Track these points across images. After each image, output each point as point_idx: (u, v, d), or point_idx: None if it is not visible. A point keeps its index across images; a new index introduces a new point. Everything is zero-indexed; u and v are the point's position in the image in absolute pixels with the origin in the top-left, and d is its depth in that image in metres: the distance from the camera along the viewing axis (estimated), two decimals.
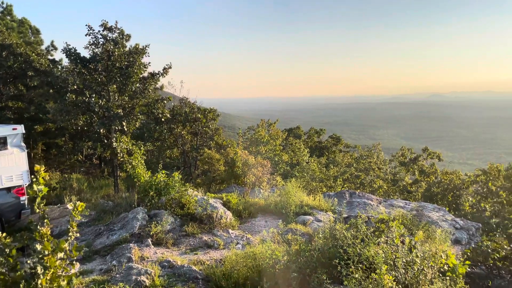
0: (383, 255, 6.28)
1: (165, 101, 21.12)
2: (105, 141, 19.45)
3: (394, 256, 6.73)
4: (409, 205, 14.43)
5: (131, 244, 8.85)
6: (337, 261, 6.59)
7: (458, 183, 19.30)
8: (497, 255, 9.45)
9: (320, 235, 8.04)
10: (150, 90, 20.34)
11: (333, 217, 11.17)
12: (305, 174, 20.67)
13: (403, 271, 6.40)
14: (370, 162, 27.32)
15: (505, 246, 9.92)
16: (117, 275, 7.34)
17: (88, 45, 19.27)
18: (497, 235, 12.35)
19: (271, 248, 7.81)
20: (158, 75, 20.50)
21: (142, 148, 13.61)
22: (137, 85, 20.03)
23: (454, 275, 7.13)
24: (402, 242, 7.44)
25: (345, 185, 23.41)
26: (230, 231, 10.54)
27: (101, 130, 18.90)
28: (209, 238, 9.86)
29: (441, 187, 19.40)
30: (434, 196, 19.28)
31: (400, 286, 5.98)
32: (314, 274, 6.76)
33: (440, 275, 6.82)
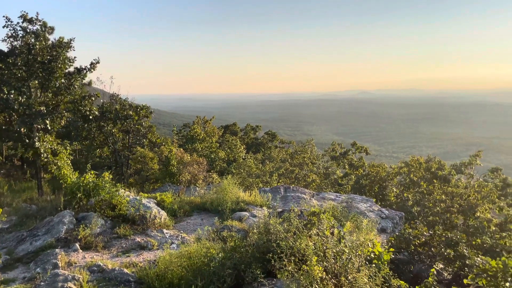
0: (313, 247, 6.51)
1: (93, 98, 20.08)
2: (27, 140, 18.08)
3: (324, 247, 7.01)
4: (339, 197, 15.09)
5: (57, 250, 8.35)
6: (270, 255, 6.72)
7: (384, 175, 20.53)
8: (418, 241, 10.20)
9: (255, 231, 8.15)
10: (76, 86, 19.23)
11: (268, 212, 11.37)
12: (242, 171, 20.80)
13: (333, 261, 6.69)
14: (304, 157, 28.14)
15: (425, 233, 10.75)
16: (42, 283, 6.90)
17: (6, 38, 17.83)
18: (418, 223, 13.37)
19: (206, 246, 7.78)
20: (85, 70, 19.43)
21: (68, 147, 12.87)
22: (62, 80, 18.83)
23: (379, 262, 7.59)
24: (332, 233, 7.77)
25: (281, 180, 23.92)
26: (165, 231, 10.33)
27: (22, 129, 17.55)
28: (142, 239, 9.59)
29: (368, 179, 20.53)
30: (362, 188, 20.36)
31: (329, 275, 6.24)
32: (248, 270, 6.84)
33: (367, 263, 7.22)
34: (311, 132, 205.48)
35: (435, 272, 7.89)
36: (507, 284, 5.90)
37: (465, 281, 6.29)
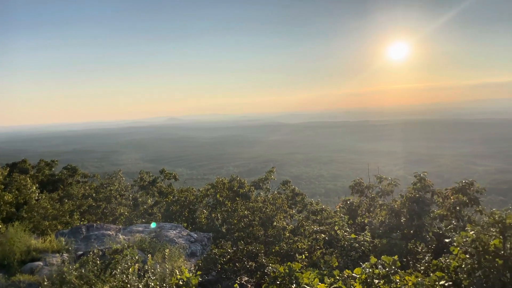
0: None
1: None
2: None
3: (128, 286, 6.66)
4: (148, 228, 14.69)
5: None
6: None
7: (193, 198, 21.06)
8: (224, 259, 10.78)
9: (45, 283, 7.16)
10: None
11: (66, 257, 10.19)
12: (35, 214, 18.20)
13: None
14: (111, 190, 26.54)
15: (229, 250, 11.43)
16: None
17: None
18: (224, 241, 14.11)
19: None
20: None
21: None
22: None
23: None
24: (136, 269, 7.46)
25: (86, 218, 21.95)
26: None
27: None
28: None
29: (178, 204, 20.73)
30: (173, 214, 20.38)
31: None
32: None
33: None
34: (121, 162, 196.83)
35: (238, 287, 8.43)
36: (293, 286, 6.71)
37: None
